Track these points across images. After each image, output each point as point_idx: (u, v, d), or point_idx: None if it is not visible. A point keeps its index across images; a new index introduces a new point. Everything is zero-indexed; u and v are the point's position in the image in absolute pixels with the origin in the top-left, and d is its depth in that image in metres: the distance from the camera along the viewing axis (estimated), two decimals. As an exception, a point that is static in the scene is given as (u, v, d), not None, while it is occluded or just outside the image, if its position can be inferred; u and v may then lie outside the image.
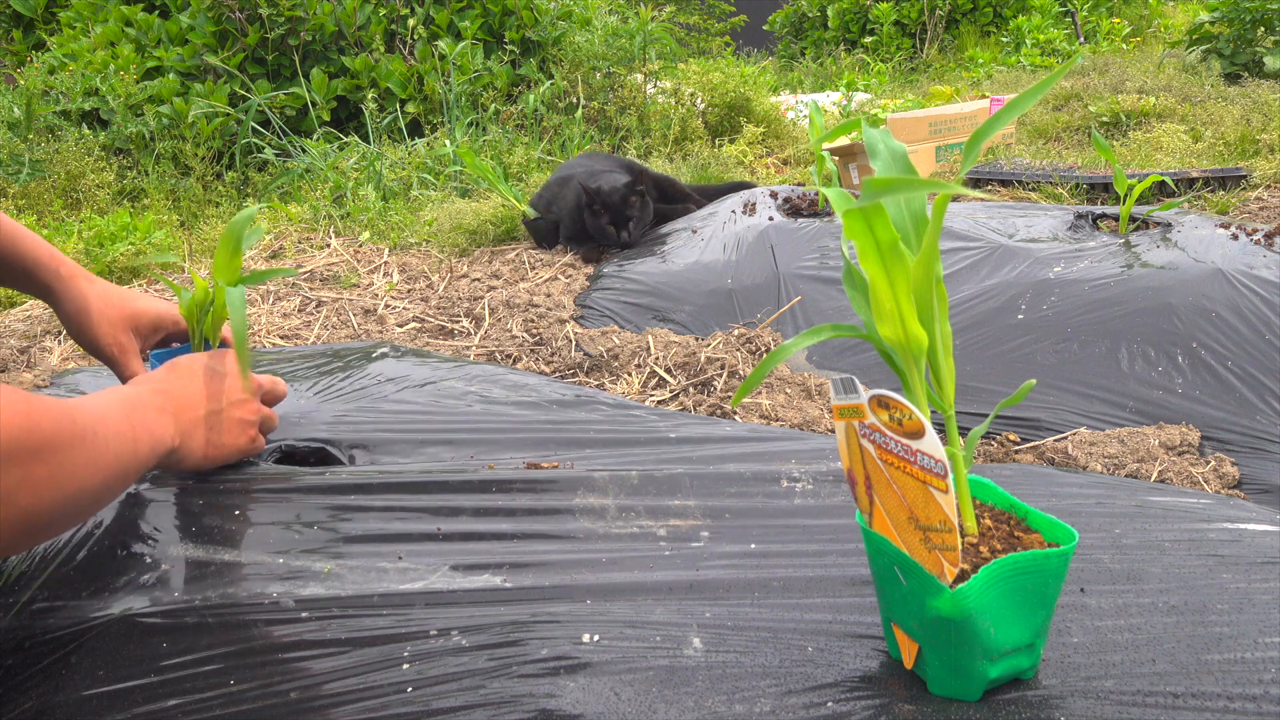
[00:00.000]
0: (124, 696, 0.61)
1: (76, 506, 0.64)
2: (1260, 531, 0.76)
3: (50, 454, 0.59)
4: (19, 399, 0.58)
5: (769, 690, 0.59)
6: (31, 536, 0.61)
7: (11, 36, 4.13)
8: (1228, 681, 0.58)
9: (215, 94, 3.34)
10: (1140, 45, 6.39)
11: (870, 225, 0.51)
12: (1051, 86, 0.48)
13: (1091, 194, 2.65)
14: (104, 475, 0.65)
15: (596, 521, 0.78)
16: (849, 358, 1.56)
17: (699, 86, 3.95)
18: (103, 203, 2.94)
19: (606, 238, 2.15)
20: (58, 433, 0.60)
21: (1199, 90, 3.88)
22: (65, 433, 0.61)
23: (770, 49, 8.94)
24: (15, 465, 0.57)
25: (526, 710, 0.58)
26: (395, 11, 3.77)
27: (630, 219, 2.13)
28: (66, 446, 0.61)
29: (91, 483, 0.64)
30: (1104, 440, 1.24)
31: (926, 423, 0.51)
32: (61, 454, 0.60)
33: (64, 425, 0.61)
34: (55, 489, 0.60)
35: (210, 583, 0.70)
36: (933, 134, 3.26)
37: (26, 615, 0.68)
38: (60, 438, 0.60)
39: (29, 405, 0.59)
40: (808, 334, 0.57)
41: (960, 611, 0.53)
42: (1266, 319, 1.35)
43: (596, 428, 1.01)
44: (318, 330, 1.87)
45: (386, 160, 3.06)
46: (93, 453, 0.64)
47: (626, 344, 1.62)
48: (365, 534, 0.76)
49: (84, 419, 0.64)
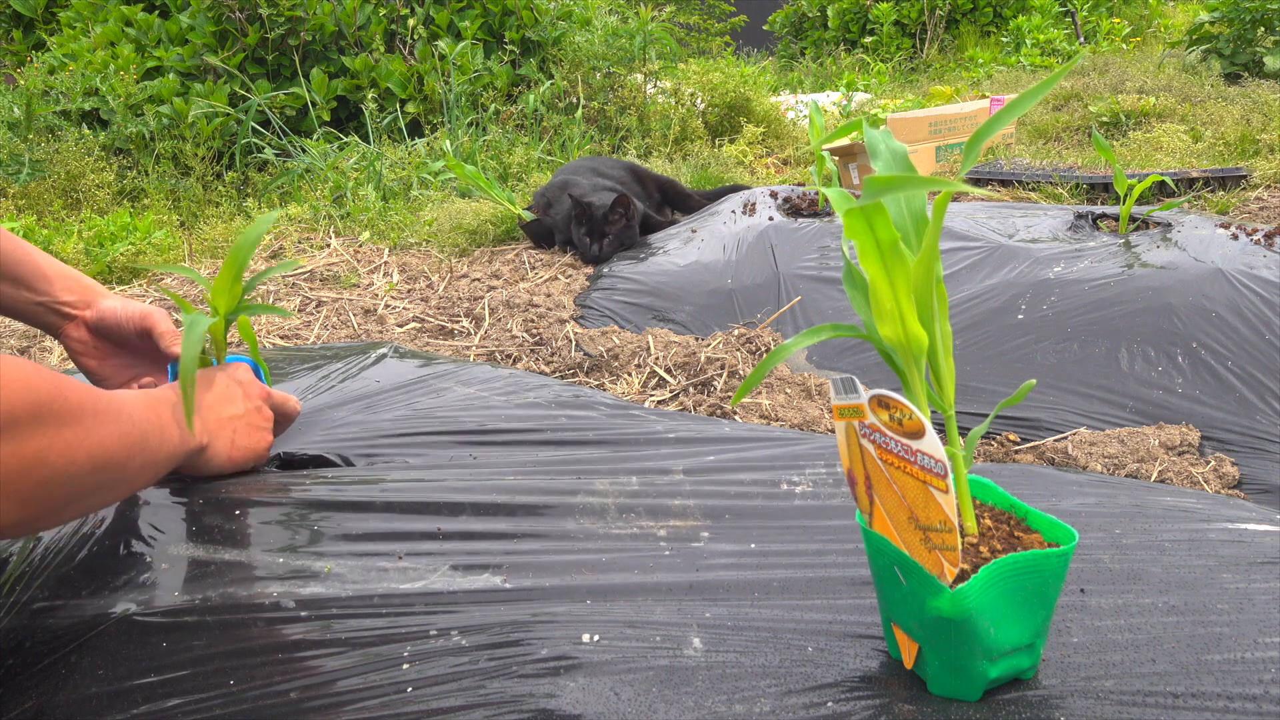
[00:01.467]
0: (124, 696, 0.61)
1: (107, 479, 0.65)
2: (1260, 531, 0.76)
3: (77, 420, 0.60)
4: (45, 371, 0.60)
5: (769, 690, 0.59)
6: (62, 508, 0.62)
7: (11, 36, 4.13)
8: (1228, 681, 0.58)
9: (215, 94, 3.34)
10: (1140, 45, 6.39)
11: (871, 225, 0.51)
12: (1052, 87, 0.48)
13: (1091, 194, 2.65)
14: (133, 452, 0.67)
15: (596, 522, 0.78)
16: (849, 358, 1.56)
17: (699, 86, 3.95)
18: (103, 203, 2.94)
19: (583, 247, 2.20)
20: (82, 402, 0.61)
21: (1199, 90, 3.88)
22: (90, 404, 0.62)
23: (770, 49, 8.94)
24: (46, 427, 0.58)
25: (526, 710, 0.58)
26: (395, 11, 3.77)
27: (606, 235, 2.16)
28: (92, 416, 0.62)
29: (119, 456, 0.65)
30: (1104, 440, 1.24)
31: (927, 423, 0.51)
32: (89, 422, 0.61)
33: (89, 398, 0.62)
34: (86, 455, 0.61)
35: (210, 583, 0.70)
36: (933, 134, 3.26)
37: (26, 615, 0.68)
38: (86, 407, 0.61)
39: (55, 376, 0.60)
40: (807, 334, 0.57)
41: (960, 611, 0.53)
42: (1266, 319, 1.35)
43: (597, 428, 1.01)
44: (317, 330, 1.87)
45: (386, 160, 3.06)
46: (123, 427, 0.65)
47: (626, 344, 1.62)
48: (365, 534, 0.76)
49: (111, 398, 0.66)
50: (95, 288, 0.96)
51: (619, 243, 2.18)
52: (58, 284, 0.92)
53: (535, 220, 2.37)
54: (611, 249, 2.17)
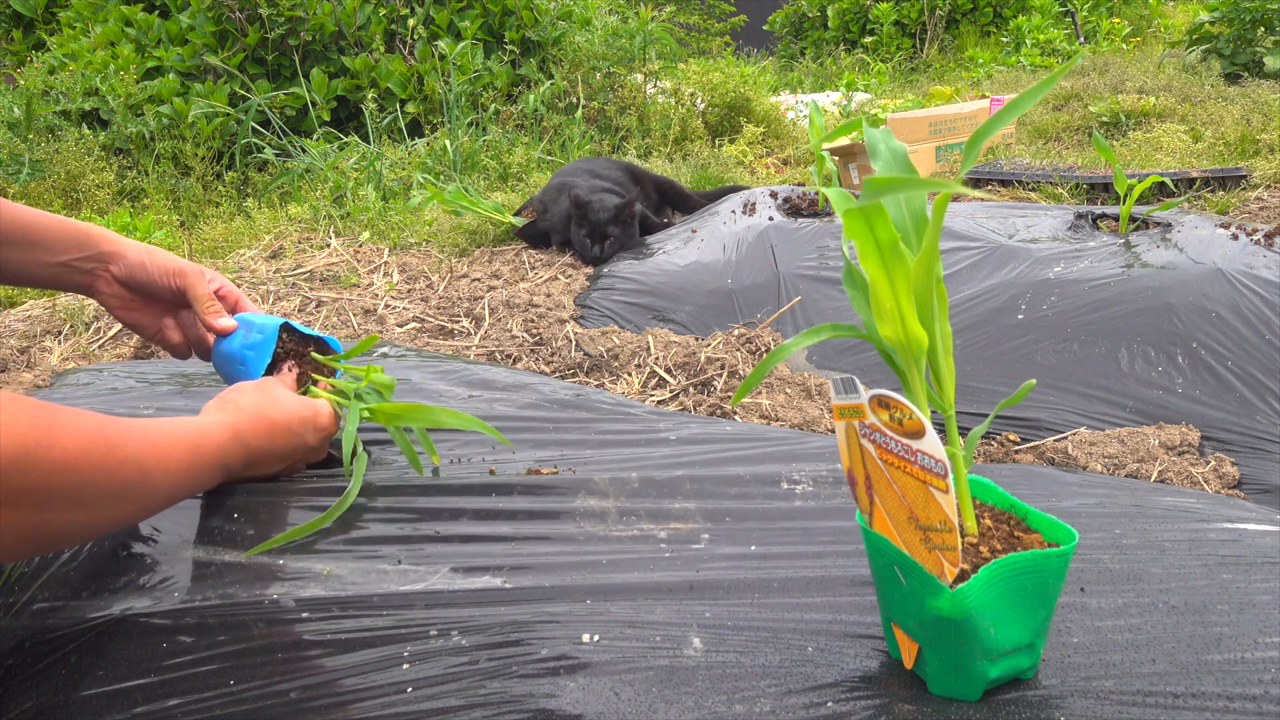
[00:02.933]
0: (124, 696, 0.61)
1: (122, 525, 0.68)
2: (1260, 531, 0.76)
3: (92, 505, 0.61)
4: (54, 450, 0.58)
5: (769, 690, 0.59)
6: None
7: (11, 36, 4.13)
8: (1228, 681, 0.58)
9: (215, 94, 3.34)
10: (1140, 45, 6.39)
11: (870, 225, 0.51)
12: (1052, 87, 0.48)
13: (1091, 194, 2.65)
14: (155, 510, 0.70)
15: (597, 524, 0.78)
16: (849, 358, 1.56)
17: (699, 86, 3.95)
18: (103, 203, 2.94)
19: (583, 248, 2.20)
20: (99, 489, 0.61)
21: (1199, 90, 3.88)
22: (109, 487, 0.62)
23: (770, 49, 8.94)
24: (47, 510, 0.58)
25: (526, 710, 0.58)
26: (395, 11, 3.77)
27: (609, 238, 2.16)
28: (110, 500, 0.63)
29: (134, 518, 0.70)
30: (1104, 440, 1.24)
31: (927, 423, 0.51)
32: (106, 503, 0.63)
33: (111, 481, 0.62)
34: (100, 529, 0.65)
35: (210, 583, 0.70)
36: (933, 134, 3.26)
37: (26, 615, 0.68)
38: (104, 492, 0.62)
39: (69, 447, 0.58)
40: (807, 334, 0.57)
41: (960, 611, 0.53)
42: (1266, 319, 1.34)
43: (597, 428, 1.01)
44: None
45: (386, 160, 3.06)
46: (144, 501, 0.67)
47: (626, 344, 1.62)
48: (366, 536, 0.76)
49: (142, 472, 0.65)
50: (106, 236, 0.92)
51: (619, 244, 2.18)
52: (71, 240, 0.89)
53: (530, 224, 2.38)
54: (612, 250, 2.17)
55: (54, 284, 0.90)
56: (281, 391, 0.84)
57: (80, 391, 1.14)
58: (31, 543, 0.58)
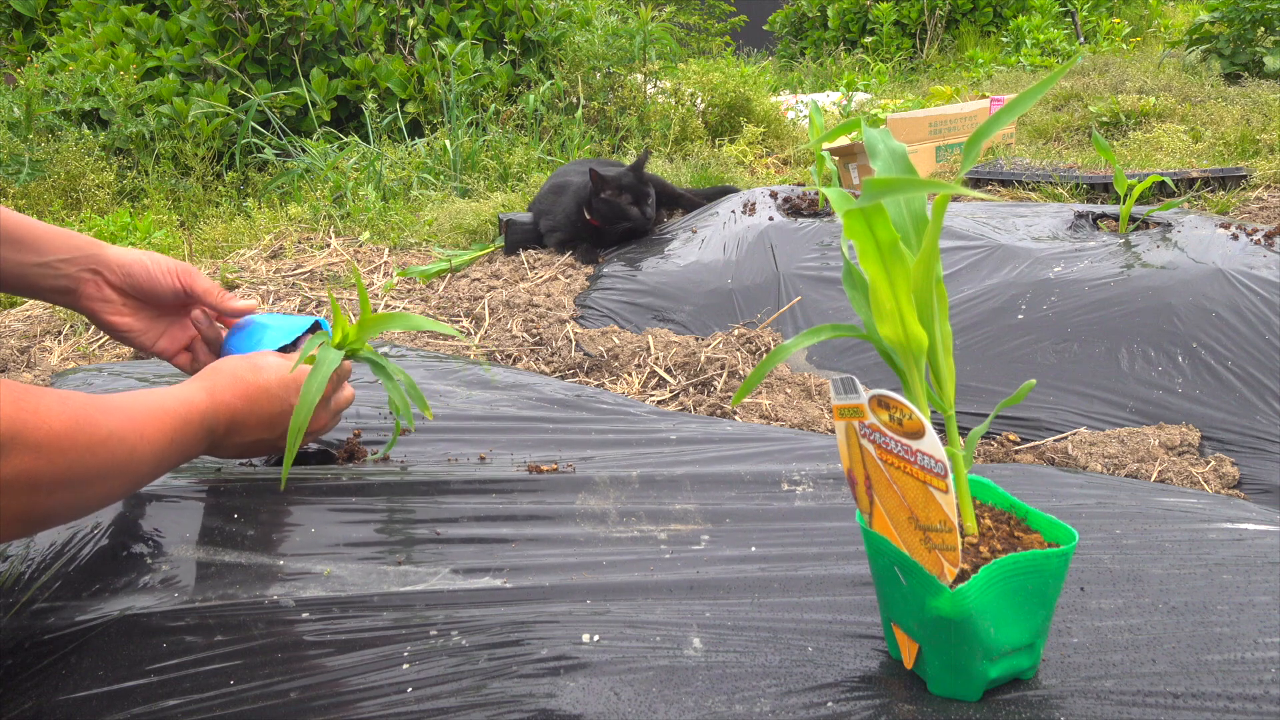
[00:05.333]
0: (124, 696, 0.61)
1: (112, 499, 0.69)
2: (1260, 531, 0.76)
3: (86, 484, 0.62)
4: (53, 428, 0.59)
5: (769, 690, 0.59)
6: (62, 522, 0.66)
7: (11, 36, 4.13)
8: (1228, 682, 0.58)
9: (215, 94, 3.34)
10: (1140, 45, 6.39)
11: (870, 225, 0.51)
12: (1051, 86, 0.48)
13: (1091, 194, 2.65)
14: (142, 482, 0.70)
15: (598, 525, 0.78)
16: (849, 358, 1.56)
17: (699, 86, 3.95)
18: (103, 203, 2.94)
19: (629, 217, 2.19)
20: (88, 466, 0.62)
21: (1199, 90, 3.88)
22: (96, 467, 0.63)
23: (770, 49, 8.94)
24: (38, 494, 0.59)
25: (526, 710, 0.58)
26: (395, 11, 3.77)
27: (648, 196, 2.17)
28: (99, 479, 0.64)
29: (125, 491, 0.69)
30: (1104, 440, 1.24)
31: (926, 423, 0.51)
32: (95, 483, 0.64)
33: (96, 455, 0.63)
34: (91, 504, 0.65)
35: (210, 584, 0.70)
36: (933, 134, 3.26)
37: (26, 615, 0.68)
38: (93, 470, 0.63)
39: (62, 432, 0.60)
40: (808, 334, 0.57)
41: (960, 611, 0.53)
42: (1266, 319, 1.35)
43: (597, 428, 1.01)
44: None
45: (386, 160, 3.06)
46: (132, 476, 0.67)
47: (626, 344, 1.62)
48: (366, 537, 0.76)
49: (127, 445, 0.65)
50: (95, 242, 0.90)
51: (656, 208, 2.21)
52: (58, 242, 0.86)
53: (530, 227, 2.37)
54: (655, 212, 2.20)
55: (33, 287, 0.86)
56: (265, 359, 0.83)
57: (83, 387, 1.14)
58: (24, 523, 0.59)
